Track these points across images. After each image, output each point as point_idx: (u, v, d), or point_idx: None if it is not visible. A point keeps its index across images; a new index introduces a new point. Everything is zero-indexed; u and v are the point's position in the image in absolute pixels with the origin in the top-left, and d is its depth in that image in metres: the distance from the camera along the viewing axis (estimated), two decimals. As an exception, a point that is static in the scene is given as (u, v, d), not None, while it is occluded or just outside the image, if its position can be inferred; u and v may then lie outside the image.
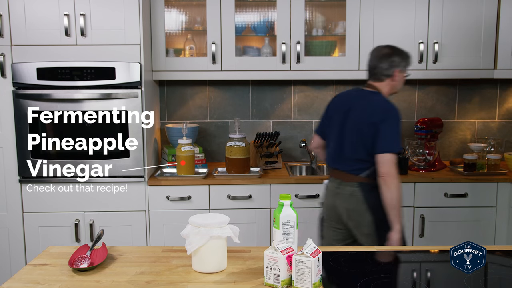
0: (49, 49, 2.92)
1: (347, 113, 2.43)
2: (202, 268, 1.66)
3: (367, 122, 2.34)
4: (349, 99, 2.51)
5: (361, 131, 2.36)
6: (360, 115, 2.39)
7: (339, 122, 2.47)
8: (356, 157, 2.39)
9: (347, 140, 2.42)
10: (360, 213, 2.38)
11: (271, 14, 3.34)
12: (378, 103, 2.38)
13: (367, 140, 2.34)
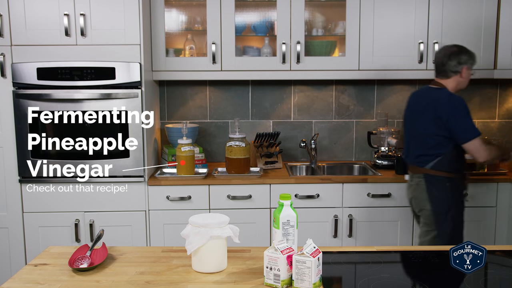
0: (49, 49, 2.92)
1: (415, 110, 2.76)
2: (202, 268, 1.65)
3: (433, 116, 2.59)
4: (418, 96, 2.81)
5: (427, 126, 2.62)
6: (425, 110, 2.65)
7: (409, 119, 2.81)
8: (420, 151, 2.67)
9: (414, 135, 2.73)
10: (421, 201, 2.68)
11: (271, 14, 3.34)
12: (443, 97, 2.61)
13: (433, 133, 2.60)
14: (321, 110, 3.61)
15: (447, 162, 2.61)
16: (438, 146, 2.60)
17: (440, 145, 2.60)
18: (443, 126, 2.56)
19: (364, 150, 3.63)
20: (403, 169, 3.15)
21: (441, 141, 2.59)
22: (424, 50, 3.20)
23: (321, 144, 3.63)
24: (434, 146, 2.61)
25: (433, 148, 2.61)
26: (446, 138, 2.58)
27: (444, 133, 2.58)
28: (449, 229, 2.59)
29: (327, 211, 3.08)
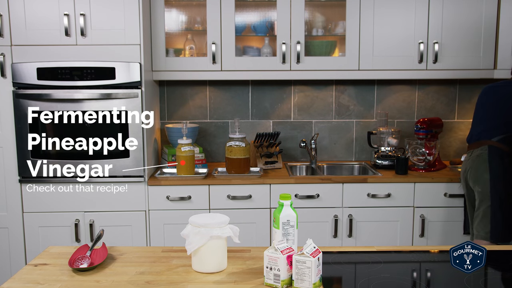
0: (49, 49, 2.92)
1: (491, 97, 2.86)
2: (202, 268, 1.65)
3: (507, 99, 2.76)
4: (494, 87, 2.87)
5: (500, 106, 2.78)
6: (503, 94, 2.79)
7: (489, 107, 2.86)
8: (491, 124, 2.79)
9: (487, 114, 2.84)
10: (479, 171, 2.74)
11: (271, 14, 3.34)
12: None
13: (507, 111, 2.74)
14: (321, 110, 3.61)
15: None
16: (510, 125, 2.73)
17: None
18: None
19: (364, 150, 3.63)
20: (403, 169, 3.15)
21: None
22: (424, 50, 3.20)
23: (321, 144, 3.63)
24: (506, 123, 2.73)
25: (504, 126, 2.73)
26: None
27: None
28: (501, 202, 2.67)
29: (327, 211, 3.08)
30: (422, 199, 3.08)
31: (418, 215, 3.08)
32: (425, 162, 3.23)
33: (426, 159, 3.23)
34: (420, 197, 3.08)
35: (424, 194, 3.08)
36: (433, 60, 3.20)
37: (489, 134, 2.78)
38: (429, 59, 3.21)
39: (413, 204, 3.08)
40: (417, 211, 3.09)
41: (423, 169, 3.22)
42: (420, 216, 3.08)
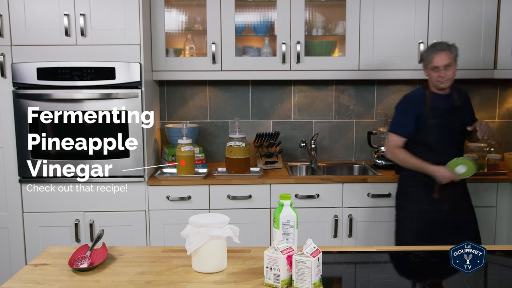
0: (49, 49, 2.92)
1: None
2: (202, 268, 1.65)
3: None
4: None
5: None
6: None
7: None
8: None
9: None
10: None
11: (271, 14, 3.34)
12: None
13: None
14: (321, 110, 3.61)
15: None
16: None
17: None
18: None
19: (364, 150, 3.63)
20: (403, 169, 3.15)
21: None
22: (424, 50, 3.20)
23: (321, 144, 3.63)
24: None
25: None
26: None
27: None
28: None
29: (327, 211, 3.08)
30: (422, 199, 3.08)
31: (418, 215, 3.08)
32: (425, 162, 3.23)
33: (426, 159, 3.22)
34: (420, 197, 3.07)
35: (424, 194, 3.07)
36: (433, 60, 3.20)
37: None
38: (429, 59, 3.21)
39: (413, 204, 3.08)
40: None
41: (423, 169, 3.22)
42: (420, 216, 3.07)
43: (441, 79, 2.64)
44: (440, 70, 2.63)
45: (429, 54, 2.66)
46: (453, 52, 2.66)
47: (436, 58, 2.63)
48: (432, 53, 2.65)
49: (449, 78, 2.65)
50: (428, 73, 2.70)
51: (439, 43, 2.69)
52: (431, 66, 2.65)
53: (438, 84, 2.67)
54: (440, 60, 2.62)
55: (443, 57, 2.62)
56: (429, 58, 2.66)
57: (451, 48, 2.66)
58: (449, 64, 2.62)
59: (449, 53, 2.64)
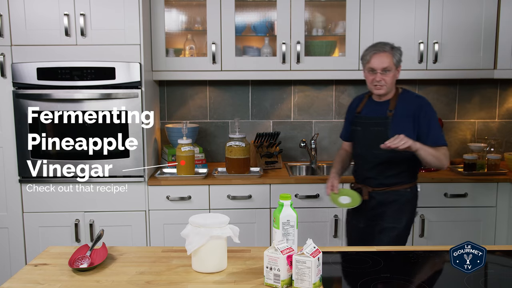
0: (49, 49, 2.92)
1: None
2: (202, 268, 1.65)
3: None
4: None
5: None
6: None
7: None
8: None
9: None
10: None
11: (271, 14, 3.34)
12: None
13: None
14: (321, 110, 3.61)
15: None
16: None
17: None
18: None
19: (364, 150, 3.62)
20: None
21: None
22: (424, 50, 3.20)
23: (321, 144, 3.63)
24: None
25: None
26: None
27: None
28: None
29: (327, 211, 3.08)
30: (422, 199, 3.07)
31: (418, 215, 3.08)
32: (425, 162, 3.23)
33: (426, 159, 3.22)
34: (420, 197, 3.06)
35: (424, 194, 3.07)
36: (433, 60, 3.20)
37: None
38: (429, 59, 3.21)
39: (413, 204, 3.08)
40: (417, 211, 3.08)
41: (423, 169, 3.22)
42: (420, 216, 3.08)
43: (376, 84, 2.36)
44: (377, 73, 2.34)
45: (368, 53, 2.38)
46: (395, 56, 2.36)
47: (374, 58, 2.34)
48: (371, 52, 2.36)
49: (385, 84, 2.36)
50: (365, 74, 2.42)
51: (382, 43, 2.39)
52: (367, 67, 2.38)
53: (372, 88, 2.40)
54: (378, 62, 2.33)
55: (383, 59, 2.33)
56: (366, 58, 2.38)
57: (394, 52, 2.37)
58: (387, 68, 2.33)
59: (390, 56, 2.34)
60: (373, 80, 2.36)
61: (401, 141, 2.18)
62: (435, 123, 2.39)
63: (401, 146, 2.17)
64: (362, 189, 2.49)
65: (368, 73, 2.39)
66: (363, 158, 2.50)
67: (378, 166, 2.43)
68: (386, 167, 2.42)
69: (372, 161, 2.44)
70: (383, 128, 2.39)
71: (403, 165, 2.42)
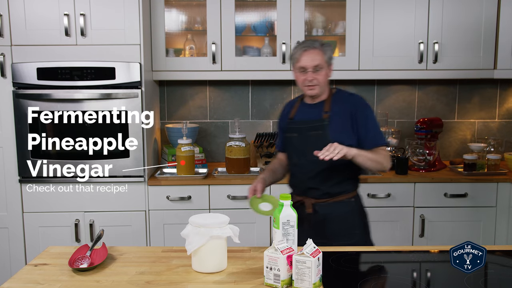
0: (49, 49, 2.92)
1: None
2: (202, 268, 1.65)
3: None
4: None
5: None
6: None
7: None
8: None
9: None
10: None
11: (271, 14, 3.34)
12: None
13: None
14: (321, 110, 3.60)
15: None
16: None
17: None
18: None
19: (364, 150, 3.62)
20: (403, 169, 3.15)
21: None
22: (424, 50, 3.20)
23: (321, 144, 3.62)
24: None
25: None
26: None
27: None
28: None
29: (327, 211, 3.08)
30: (422, 199, 3.08)
31: (418, 215, 3.08)
32: (425, 162, 3.23)
33: (426, 159, 3.23)
34: (420, 197, 3.08)
35: (424, 194, 3.08)
36: (433, 60, 3.20)
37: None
38: (429, 59, 3.21)
39: (413, 204, 3.08)
40: (417, 211, 3.09)
41: (423, 169, 3.22)
42: (420, 216, 3.08)
43: (309, 84, 2.18)
44: (308, 72, 2.16)
45: (297, 51, 2.19)
46: (326, 53, 2.19)
47: (304, 56, 2.16)
48: (300, 50, 2.17)
49: (318, 84, 2.18)
50: (296, 75, 2.23)
51: (311, 40, 2.22)
52: (297, 66, 2.18)
53: (305, 89, 2.21)
54: (309, 59, 2.15)
55: (313, 56, 2.15)
56: (296, 56, 2.19)
57: (324, 48, 2.19)
58: (319, 66, 2.15)
59: (321, 53, 2.17)
60: (305, 80, 2.17)
61: (335, 150, 1.97)
62: (372, 122, 2.23)
63: (335, 156, 1.96)
64: (304, 202, 2.22)
65: (299, 73, 2.19)
66: (302, 166, 2.23)
67: (320, 174, 2.18)
68: (328, 174, 2.18)
69: (312, 169, 2.19)
70: (320, 132, 2.19)
71: (346, 171, 2.21)
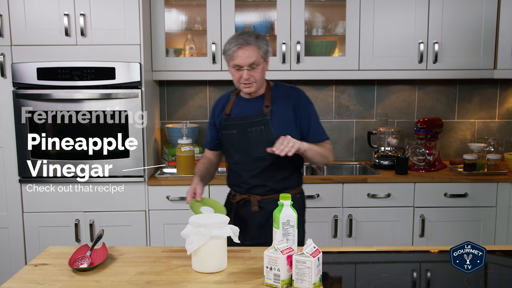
0: (49, 49, 2.92)
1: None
2: (202, 268, 1.65)
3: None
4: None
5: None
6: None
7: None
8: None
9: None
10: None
11: (271, 14, 3.34)
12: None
13: None
14: (321, 110, 3.60)
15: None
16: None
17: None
18: None
19: (364, 150, 3.63)
20: (403, 169, 3.15)
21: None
22: (424, 50, 3.20)
23: (321, 144, 3.62)
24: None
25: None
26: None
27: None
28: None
29: (327, 211, 3.08)
30: (422, 199, 3.08)
31: (418, 215, 3.08)
32: (425, 162, 3.23)
33: (426, 159, 3.23)
34: (420, 197, 3.08)
35: (424, 194, 3.08)
36: (433, 60, 3.20)
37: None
38: (429, 59, 3.21)
39: (413, 204, 3.08)
40: (417, 211, 3.09)
41: (423, 169, 3.22)
42: (420, 216, 3.08)
43: (245, 82, 2.08)
44: (244, 70, 2.04)
45: (230, 47, 2.03)
46: (262, 48, 2.04)
47: (238, 54, 2.01)
48: (233, 46, 2.02)
49: (255, 81, 2.08)
50: (231, 72, 2.11)
51: (246, 34, 2.05)
52: (232, 64, 2.06)
53: (241, 87, 2.12)
54: (244, 57, 2.01)
55: (248, 53, 2.01)
56: (229, 53, 2.03)
57: (260, 43, 2.04)
58: (255, 63, 2.03)
59: (256, 49, 2.03)
60: (240, 78, 2.07)
61: (289, 144, 1.90)
62: (315, 116, 2.18)
63: (290, 151, 1.89)
64: (249, 200, 2.15)
65: (234, 70, 2.07)
66: (245, 165, 2.13)
67: (265, 170, 2.11)
68: (274, 170, 2.11)
69: (257, 166, 2.11)
70: (262, 127, 2.08)
71: (291, 167, 2.16)
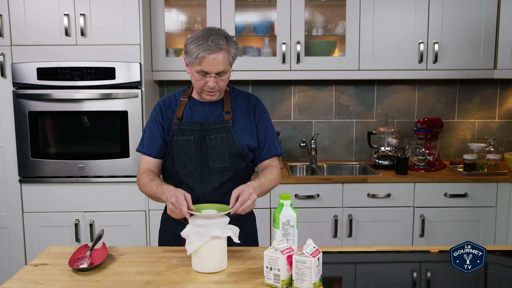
0: (49, 49, 2.93)
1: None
2: (202, 268, 1.65)
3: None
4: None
5: None
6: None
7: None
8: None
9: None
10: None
11: (271, 14, 3.34)
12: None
13: None
14: (321, 110, 3.61)
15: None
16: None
17: None
18: None
19: (364, 150, 3.63)
20: (403, 169, 3.15)
21: None
22: (424, 50, 3.20)
23: (321, 144, 3.63)
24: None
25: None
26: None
27: None
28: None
29: (327, 211, 3.08)
30: (422, 199, 3.08)
31: (418, 215, 3.08)
32: (425, 162, 3.23)
33: (426, 159, 3.23)
34: (420, 197, 3.08)
35: (424, 194, 3.08)
36: (433, 60, 3.20)
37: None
38: (429, 59, 3.21)
39: (413, 204, 3.09)
40: (417, 211, 3.09)
41: (423, 169, 3.22)
42: (420, 216, 3.08)
43: (210, 90, 1.86)
44: (210, 77, 1.80)
45: (199, 51, 1.75)
46: (231, 52, 1.81)
47: (207, 60, 1.75)
48: (203, 51, 1.74)
49: (220, 89, 1.89)
50: (192, 75, 1.83)
51: (216, 37, 1.77)
52: (198, 69, 1.78)
53: (203, 94, 1.89)
54: (213, 64, 1.76)
55: (218, 60, 1.77)
56: (198, 56, 1.76)
57: (230, 46, 1.80)
58: (224, 71, 1.81)
59: (226, 55, 1.78)
60: (205, 85, 1.83)
61: (251, 198, 1.76)
62: (271, 128, 2.03)
63: (252, 206, 1.78)
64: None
65: (198, 75, 1.81)
66: (202, 176, 1.90)
67: (225, 184, 1.92)
68: (234, 184, 1.91)
69: (216, 179, 1.91)
70: (224, 134, 1.90)
71: (248, 177, 2.03)
